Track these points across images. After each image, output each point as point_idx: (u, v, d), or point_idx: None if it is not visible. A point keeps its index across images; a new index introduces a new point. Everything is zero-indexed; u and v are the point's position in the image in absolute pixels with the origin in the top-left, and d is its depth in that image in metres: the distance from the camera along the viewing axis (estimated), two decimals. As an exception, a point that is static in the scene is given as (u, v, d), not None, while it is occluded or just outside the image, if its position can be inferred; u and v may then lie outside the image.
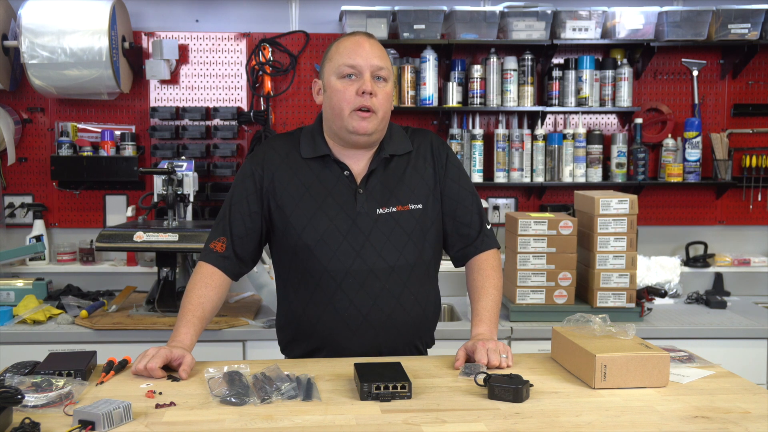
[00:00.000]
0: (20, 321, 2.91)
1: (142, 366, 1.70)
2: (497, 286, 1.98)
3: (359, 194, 1.92)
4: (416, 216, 1.93)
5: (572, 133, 3.55)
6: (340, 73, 1.88)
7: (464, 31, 3.42)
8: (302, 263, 1.92)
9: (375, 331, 1.91)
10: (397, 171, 1.96)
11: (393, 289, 1.91)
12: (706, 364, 1.83)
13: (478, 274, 1.99)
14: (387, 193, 1.93)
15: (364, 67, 1.86)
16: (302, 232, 1.90)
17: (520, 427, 1.42)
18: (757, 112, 3.69)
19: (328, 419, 1.45)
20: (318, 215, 1.90)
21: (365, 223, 1.90)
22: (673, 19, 3.43)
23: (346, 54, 1.88)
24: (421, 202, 1.95)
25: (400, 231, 1.91)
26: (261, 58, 3.55)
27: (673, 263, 3.33)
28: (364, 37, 1.91)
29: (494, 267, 2.00)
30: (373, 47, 1.89)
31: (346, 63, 1.87)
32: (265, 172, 1.96)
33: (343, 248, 1.89)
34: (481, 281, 1.98)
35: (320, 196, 1.92)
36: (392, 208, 1.92)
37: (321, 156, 1.95)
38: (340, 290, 1.90)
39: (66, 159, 3.44)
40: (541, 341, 2.87)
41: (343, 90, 1.87)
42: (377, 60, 1.88)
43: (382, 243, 1.90)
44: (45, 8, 3.24)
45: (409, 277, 1.93)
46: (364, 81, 1.86)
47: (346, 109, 1.87)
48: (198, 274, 1.93)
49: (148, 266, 3.42)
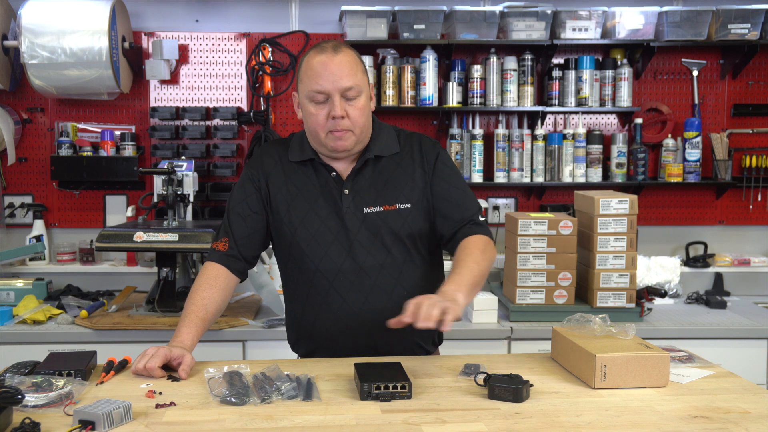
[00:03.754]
0: (20, 321, 2.91)
1: (142, 365, 1.70)
2: (479, 263, 1.89)
3: (345, 195, 1.95)
4: (404, 215, 1.95)
5: (572, 133, 3.55)
6: (310, 98, 1.88)
7: (464, 31, 3.42)
8: (297, 263, 1.97)
9: (368, 328, 1.93)
10: (385, 171, 1.98)
11: (384, 286, 1.93)
12: (706, 364, 1.84)
13: (463, 252, 1.92)
14: (374, 193, 1.96)
15: (332, 91, 1.85)
16: (295, 232, 1.95)
17: (520, 427, 1.42)
18: (757, 112, 3.69)
19: (328, 419, 1.45)
20: (310, 216, 1.95)
21: (353, 223, 1.93)
22: (673, 19, 3.43)
23: (314, 78, 1.86)
24: (410, 201, 1.97)
25: (387, 229, 1.94)
26: (261, 58, 3.55)
27: (673, 263, 3.33)
28: (331, 54, 1.86)
29: (480, 248, 1.93)
30: (341, 65, 1.85)
31: (314, 89, 1.86)
32: (262, 175, 2.01)
33: (334, 247, 1.93)
34: (464, 257, 1.90)
35: (312, 197, 1.96)
36: (379, 208, 1.95)
37: (309, 159, 1.99)
38: (332, 289, 1.93)
39: (66, 159, 3.44)
40: (541, 341, 2.87)
41: (316, 114, 1.88)
42: (345, 80, 1.85)
43: (370, 241, 1.93)
44: (45, 8, 3.24)
45: (401, 275, 1.95)
46: (333, 105, 1.85)
47: (320, 132, 1.89)
48: (203, 275, 1.95)
49: (148, 266, 3.42)
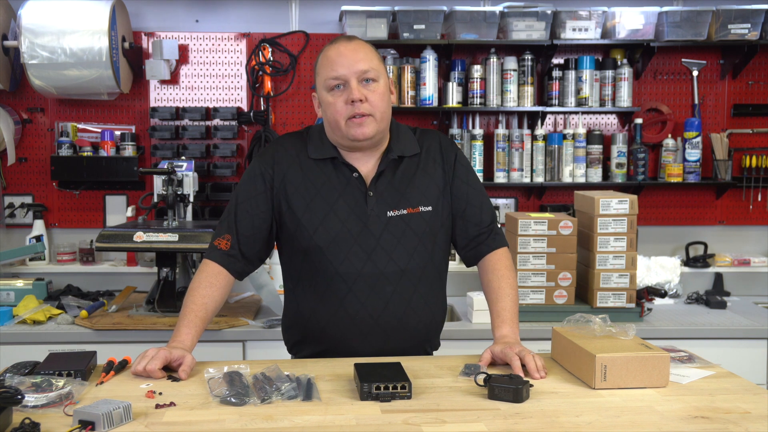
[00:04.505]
0: (20, 321, 2.91)
1: (141, 367, 1.70)
2: (514, 286, 1.96)
3: (369, 197, 1.90)
4: (426, 218, 1.92)
5: (572, 133, 3.55)
6: (327, 87, 1.87)
7: (464, 31, 3.42)
8: (313, 265, 1.91)
9: (386, 334, 1.91)
10: (407, 173, 1.94)
11: (404, 292, 1.90)
12: (706, 364, 1.83)
13: (493, 275, 1.97)
14: (397, 195, 1.92)
15: (348, 75, 1.84)
16: (314, 233, 1.89)
17: (520, 427, 1.42)
18: (757, 112, 3.69)
19: (328, 419, 1.45)
20: (330, 217, 1.89)
21: (376, 226, 1.89)
22: (673, 19, 3.43)
23: (329, 66, 1.86)
24: (431, 204, 1.94)
25: (410, 233, 1.90)
26: (261, 58, 3.55)
27: (673, 263, 3.33)
28: (344, 42, 1.87)
29: (508, 266, 1.98)
30: (356, 51, 1.85)
31: (330, 76, 1.85)
32: (276, 172, 1.94)
33: (355, 251, 1.88)
34: (497, 282, 1.95)
35: (332, 197, 1.91)
36: (403, 211, 1.91)
37: (329, 158, 1.94)
38: (351, 293, 1.89)
39: (66, 159, 3.44)
40: (541, 341, 2.85)
41: (334, 102, 1.86)
42: (361, 63, 1.84)
43: (393, 246, 1.89)
44: (45, 8, 3.24)
45: (420, 281, 1.92)
46: (351, 89, 1.84)
47: (341, 120, 1.86)
48: (202, 272, 1.91)
49: (148, 266, 3.42)
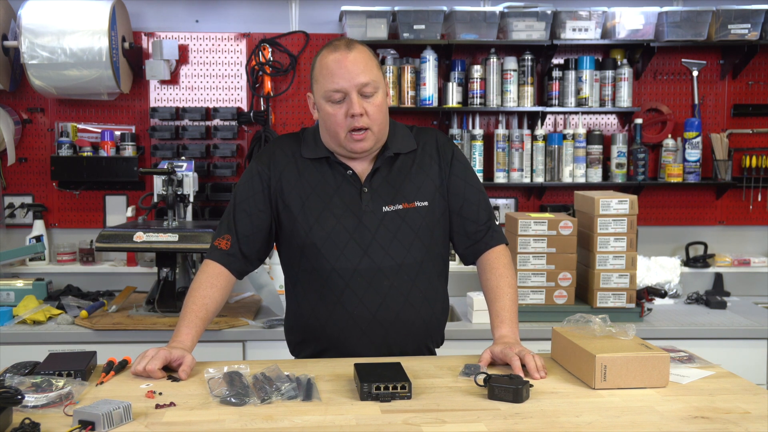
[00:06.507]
0: (20, 321, 2.91)
1: (141, 368, 1.70)
2: (513, 284, 1.96)
3: (364, 193, 1.92)
4: (422, 213, 1.93)
5: (572, 134, 3.55)
6: (327, 98, 1.86)
7: (464, 31, 3.42)
8: (310, 263, 1.92)
9: (385, 330, 1.91)
10: (403, 169, 1.96)
11: (401, 287, 1.91)
12: (706, 365, 1.83)
13: (492, 273, 1.97)
14: (392, 191, 1.93)
15: (348, 89, 1.83)
16: (309, 231, 1.90)
17: (520, 427, 1.42)
18: (757, 112, 3.69)
19: (328, 419, 1.45)
20: (325, 214, 1.90)
21: (371, 222, 1.90)
22: (673, 19, 3.43)
23: (330, 77, 1.84)
24: (427, 199, 1.94)
25: (406, 228, 1.91)
26: (261, 59, 3.55)
27: (673, 263, 3.33)
28: (345, 51, 1.84)
29: (506, 264, 1.98)
30: (356, 62, 1.84)
31: (330, 88, 1.84)
32: (272, 171, 1.95)
33: (350, 247, 1.89)
34: (495, 280, 1.96)
35: (326, 195, 1.92)
36: (398, 206, 1.92)
37: (324, 157, 1.95)
38: (348, 289, 1.89)
39: (66, 159, 3.44)
40: (541, 341, 2.85)
41: (334, 114, 1.86)
42: (361, 76, 1.83)
43: (389, 241, 1.90)
44: (45, 8, 3.24)
45: (417, 275, 1.92)
46: (351, 103, 1.83)
47: (340, 132, 1.87)
48: (203, 273, 1.92)
49: (148, 266, 3.42)
